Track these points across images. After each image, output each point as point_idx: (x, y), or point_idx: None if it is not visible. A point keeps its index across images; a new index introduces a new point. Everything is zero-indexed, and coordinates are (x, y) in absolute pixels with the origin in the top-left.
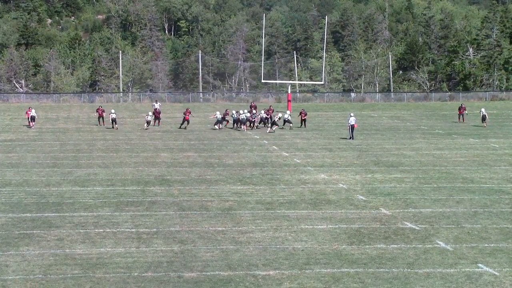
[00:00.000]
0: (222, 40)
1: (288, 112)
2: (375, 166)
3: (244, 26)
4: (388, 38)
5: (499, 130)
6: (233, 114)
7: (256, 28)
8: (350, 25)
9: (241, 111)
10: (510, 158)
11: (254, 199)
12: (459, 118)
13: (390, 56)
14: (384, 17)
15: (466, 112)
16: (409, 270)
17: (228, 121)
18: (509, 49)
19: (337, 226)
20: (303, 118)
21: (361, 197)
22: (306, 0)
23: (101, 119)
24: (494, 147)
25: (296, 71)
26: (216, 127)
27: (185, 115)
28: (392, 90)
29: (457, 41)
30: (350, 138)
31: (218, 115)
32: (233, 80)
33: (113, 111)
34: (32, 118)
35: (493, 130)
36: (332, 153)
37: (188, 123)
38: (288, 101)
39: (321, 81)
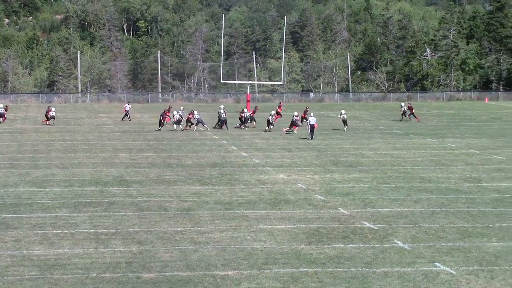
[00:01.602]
0: (181, 41)
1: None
2: (333, 166)
3: (203, 26)
4: (347, 38)
5: (456, 130)
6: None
7: (215, 28)
8: (309, 25)
9: (245, 109)
10: (467, 157)
11: (213, 199)
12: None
13: (348, 56)
14: (343, 17)
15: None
16: (367, 269)
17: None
18: (466, 50)
19: (295, 226)
20: (303, 116)
21: (319, 197)
22: (265, 1)
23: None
24: (451, 147)
25: (255, 72)
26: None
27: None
28: (350, 90)
29: (415, 42)
30: (310, 138)
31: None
32: (192, 81)
33: (53, 109)
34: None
35: (450, 130)
36: (291, 153)
37: (192, 124)
38: (247, 101)
39: (280, 82)
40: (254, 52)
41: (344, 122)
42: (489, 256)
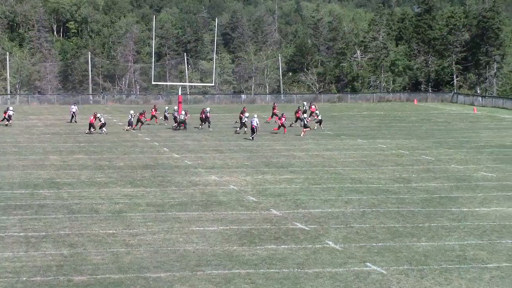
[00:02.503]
0: (112, 42)
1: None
2: (265, 167)
3: (134, 27)
4: (278, 40)
5: (386, 131)
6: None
7: (146, 29)
8: (240, 27)
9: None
10: (396, 158)
11: (145, 202)
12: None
13: (280, 58)
14: (274, 19)
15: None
16: (299, 270)
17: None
18: (395, 51)
19: (228, 227)
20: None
21: (251, 198)
22: (196, 2)
23: None
24: (381, 147)
25: (186, 73)
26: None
27: (151, 115)
28: (282, 91)
29: (345, 43)
30: (252, 138)
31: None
32: (123, 82)
33: (11, 108)
34: None
35: (381, 131)
36: (222, 155)
37: (142, 124)
38: (179, 102)
39: (212, 83)
40: (185, 54)
41: (319, 122)
42: (418, 256)
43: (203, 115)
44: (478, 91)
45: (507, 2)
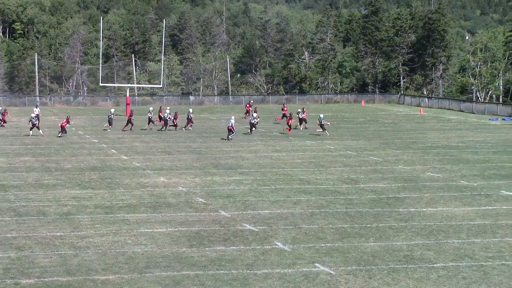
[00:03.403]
0: (59, 43)
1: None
2: (214, 169)
3: (81, 28)
4: (226, 41)
5: (334, 132)
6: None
7: (93, 30)
8: (188, 28)
9: (254, 114)
10: (344, 159)
11: (93, 204)
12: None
13: (228, 59)
14: (222, 20)
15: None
16: (248, 271)
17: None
18: (342, 53)
19: (177, 229)
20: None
21: (200, 199)
22: (143, 3)
23: None
24: (329, 148)
25: (134, 74)
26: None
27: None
28: (230, 93)
29: (293, 45)
30: (227, 139)
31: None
32: (70, 84)
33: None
34: None
35: (329, 132)
36: (171, 156)
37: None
38: (127, 104)
39: (160, 84)
40: (133, 55)
41: (321, 126)
42: (367, 256)
43: (188, 116)
44: (425, 93)
45: (452, 4)
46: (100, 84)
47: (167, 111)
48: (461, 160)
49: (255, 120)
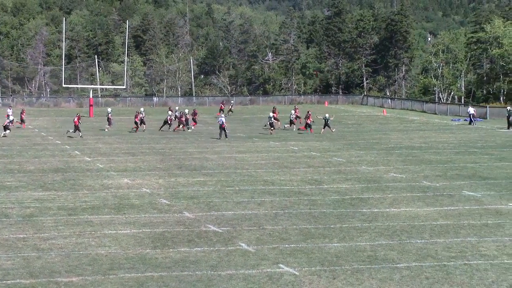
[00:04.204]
0: (21, 44)
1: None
2: (178, 170)
3: (43, 29)
4: (190, 42)
5: (296, 133)
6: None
7: (56, 32)
8: (151, 29)
9: (270, 114)
10: (308, 160)
11: (56, 205)
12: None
13: (191, 60)
14: (185, 21)
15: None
16: (212, 272)
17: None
18: (306, 54)
19: (140, 230)
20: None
21: (164, 201)
22: (106, 4)
23: None
24: (293, 149)
25: (97, 76)
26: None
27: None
28: (194, 94)
29: (256, 46)
30: (219, 137)
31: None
32: (33, 85)
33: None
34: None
35: (292, 133)
36: (135, 158)
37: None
38: (90, 105)
39: (123, 86)
40: (96, 56)
41: (327, 125)
42: (330, 257)
43: (185, 117)
44: (388, 93)
45: (414, 6)
46: (63, 86)
47: (188, 111)
48: (423, 161)
49: (273, 121)
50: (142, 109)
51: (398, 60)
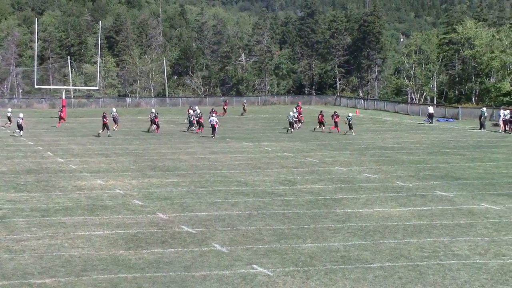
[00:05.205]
0: None
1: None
2: (151, 171)
3: (15, 30)
4: (163, 43)
5: (271, 133)
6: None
7: (28, 32)
8: (124, 30)
9: (291, 113)
10: (282, 160)
11: (29, 207)
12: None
13: (164, 61)
14: (158, 22)
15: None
16: (186, 273)
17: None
18: (279, 55)
19: (114, 231)
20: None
21: (137, 202)
22: (79, 5)
23: None
24: (266, 150)
25: (70, 76)
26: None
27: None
28: (167, 95)
29: (229, 47)
30: (213, 136)
31: None
32: (5, 86)
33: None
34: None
35: (266, 134)
36: (108, 159)
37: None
38: (63, 106)
39: (96, 86)
40: (69, 57)
41: (349, 126)
42: (304, 257)
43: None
44: (360, 94)
45: (387, 7)
46: (36, 86)
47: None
48: (396, 161)
49: (294, 119)
50: (196, 107)
51: (371, 61)
